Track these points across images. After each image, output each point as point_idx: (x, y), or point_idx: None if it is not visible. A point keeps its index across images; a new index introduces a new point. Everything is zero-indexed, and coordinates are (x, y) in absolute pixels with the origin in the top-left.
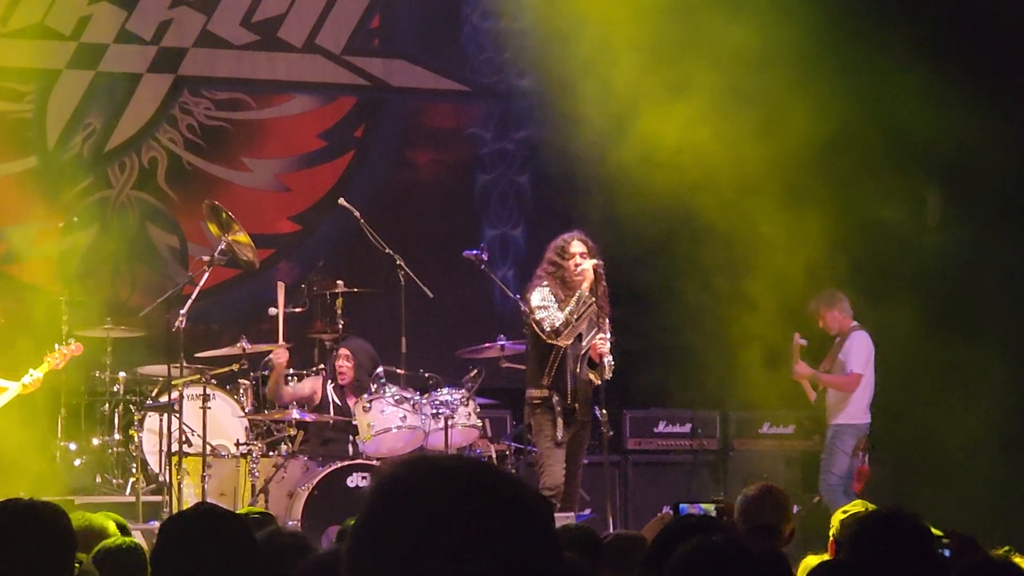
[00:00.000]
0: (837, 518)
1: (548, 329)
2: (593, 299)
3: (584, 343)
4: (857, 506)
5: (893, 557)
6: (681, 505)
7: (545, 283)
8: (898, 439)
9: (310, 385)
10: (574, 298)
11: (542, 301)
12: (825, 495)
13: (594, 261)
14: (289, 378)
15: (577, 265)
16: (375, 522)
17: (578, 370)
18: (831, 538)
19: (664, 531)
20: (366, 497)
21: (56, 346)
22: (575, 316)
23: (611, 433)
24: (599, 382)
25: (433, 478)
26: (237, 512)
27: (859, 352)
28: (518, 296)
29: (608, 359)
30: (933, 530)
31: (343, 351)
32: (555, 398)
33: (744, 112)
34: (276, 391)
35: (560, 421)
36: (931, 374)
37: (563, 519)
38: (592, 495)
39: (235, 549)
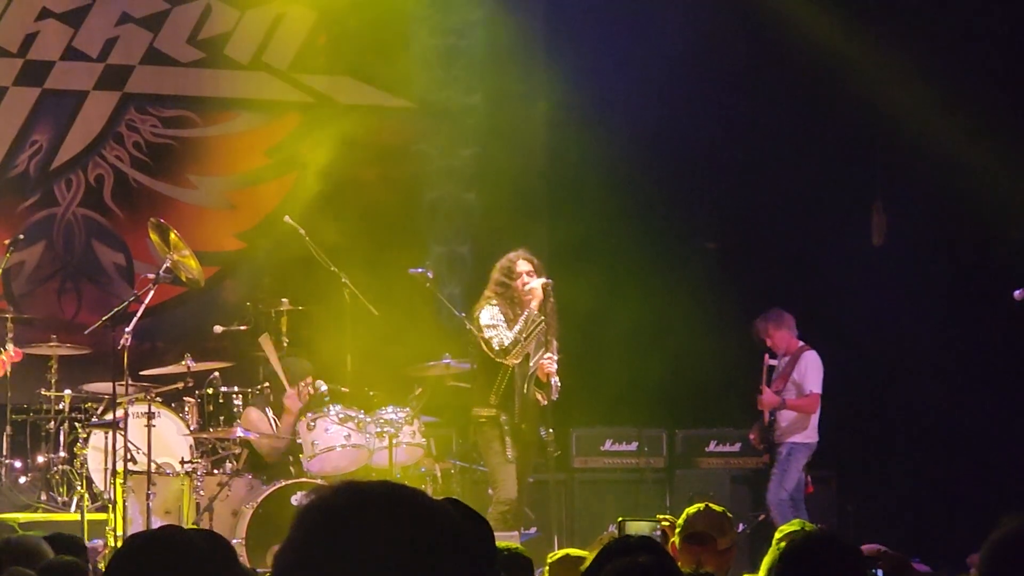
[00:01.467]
0: (775, 538)
1: (497, 348)
2: (542, 318)
3: (532, 362)
4: (795, 526)
5: None
6: (625, 523)
7: (494, 302)
8: (844, 456)
9: (255, 415)
10: (523, 317)
11: (491, 320)
12: (774, 510)
13: (543, 280)
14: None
15: (525, 284)
16: (299, 547)
17: (526, 389)
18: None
19: (602, 551)
20: (292, 523)
21: None
22: (524, 335)
23: (557, 452)
24: (546, 402)
25: (356, 502)
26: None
27: (814, 372)
28: (463, 314)
29: (555, 379)
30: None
31: (310, 378)
32: (503, 417)
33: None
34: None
35: (508, 440)
36: (877, 391)
37: (508, 538)
38: (538, 513)
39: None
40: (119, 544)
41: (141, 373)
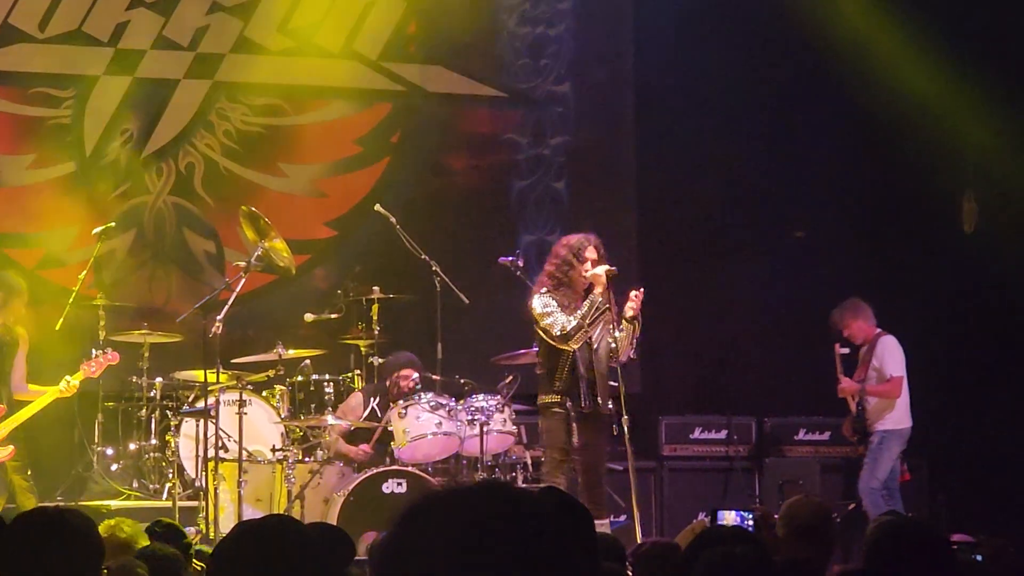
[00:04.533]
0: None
1: (559, 333)
2: (607, 305)
3: (596, 346)
4: (889, 516)
5: (907, 565)
6: (718, 512)
7: (544, 289)
8: (935, 445)
9: (355, 399)
10: (586, 301)
11: (544, 308)
12: (866, 499)
13: (607, 267)
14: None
15: (591, 267)
16: (403, 537)
17: (593, 373)
18: None
19: (696, 540)
20: (395, 517)
21: (93, 353)
22: (587, 320)
23: (620, 432)
24: (618, 384)
25: (453, 500)
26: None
27: (893, 355)
28: None
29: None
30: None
31: (406, 371)
32: (568, 403)
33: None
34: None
35: (574, 427)
36: (967, 378)
37: (600, 525)
38: (627, 501)
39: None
40: (210, 532)
41: (232, 361)
